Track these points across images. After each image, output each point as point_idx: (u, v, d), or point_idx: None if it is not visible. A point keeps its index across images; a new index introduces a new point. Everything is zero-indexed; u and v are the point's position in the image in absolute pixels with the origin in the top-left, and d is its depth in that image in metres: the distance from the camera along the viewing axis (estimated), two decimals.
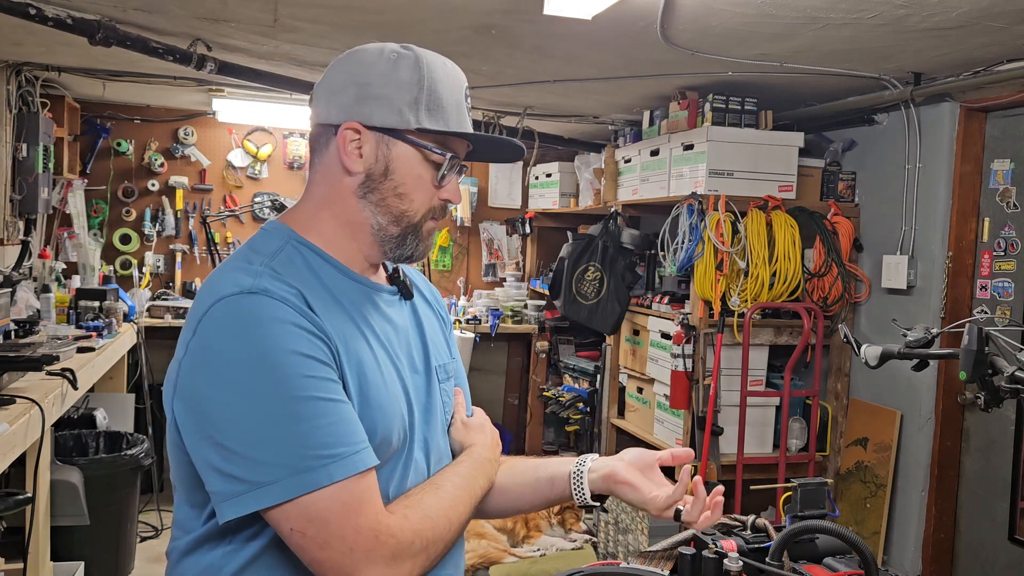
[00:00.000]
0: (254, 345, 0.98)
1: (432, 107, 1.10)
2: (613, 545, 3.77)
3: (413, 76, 1.10)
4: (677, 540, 1.44)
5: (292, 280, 1.05)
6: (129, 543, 3.71)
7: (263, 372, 0.97)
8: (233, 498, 0.97)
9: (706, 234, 3.35)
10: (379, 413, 1.07)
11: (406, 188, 1.12)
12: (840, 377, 3.70)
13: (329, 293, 1.09)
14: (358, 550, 0.98)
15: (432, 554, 1.06)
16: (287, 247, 1.11)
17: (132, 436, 3.91)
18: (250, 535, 1.05)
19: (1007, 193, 3.13)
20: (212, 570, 1.06)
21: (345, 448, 0.99)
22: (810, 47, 2.79)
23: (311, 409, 0.98)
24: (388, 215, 1.12)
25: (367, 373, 1.07)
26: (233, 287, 1.02)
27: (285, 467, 0.96)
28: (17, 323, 3.19)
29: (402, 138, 1.10)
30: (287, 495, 0.96)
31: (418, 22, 2.75)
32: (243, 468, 0.97)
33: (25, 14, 2.68)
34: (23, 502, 2.36)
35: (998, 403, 1.75)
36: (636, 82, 3.52)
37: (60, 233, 4.81)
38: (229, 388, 0.98)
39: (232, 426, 0.97)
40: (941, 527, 3.31)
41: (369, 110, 1.10)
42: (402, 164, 1.11)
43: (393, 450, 1.10)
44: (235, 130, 5.27)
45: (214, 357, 1.00)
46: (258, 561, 1.05)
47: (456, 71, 1.16)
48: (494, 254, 5.83)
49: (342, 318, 1.08)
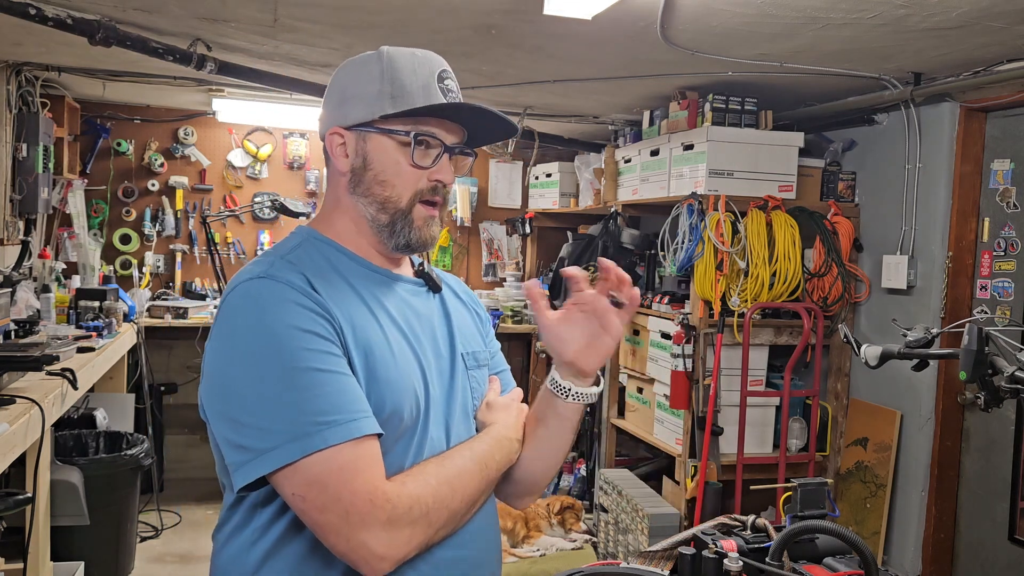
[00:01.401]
0: (258, 322, 1.06)
1: (396, 94, 1.16)
2: (613, 545, 3.77)
3: (376, 70, 1.18)
4: (677, 540, 1.44)
5: (303, 268, 1.13)
6: (129, 543, 3.71)
7: (266, 346, 1.05)
8: (243, 466, 1.04)
9: (706, 234, 3.35)
10: (387, 388, 1.12)
11: (386, 175, 1.18)
12: (840, 377, 3.70)
13: (342, 279, 1.16)
14: (354, 513, 1.01)
15: (435, 521, 1.08)
16: (305, 243, 1.20)
17: (132, 436, 3.92)
18: (271, 516, 1.11)
19: (1007, 193, 3.13)
20: (242, 552, 1.13)
21: (341, 415, 1.04)
22: (810, 47, 2.79)
23: (309, 379, 1.04)
24: (375, 204, 1.19)
25: (375, 350, 1.12)
26: (247, 275, 1.12)
27: (284, 433, 1.02)
28: (17, 323, 3.20)
29: (373, 129, 1.17)
30: (286, 459, 1.01)
31: (418, 22, 2.75)
32: (250, 437, 1.04)
33: (25, 14, 2.68)
34: (23, 502, 2.36)
35: (998, 403, 1.75)
36: (636, 82, 3.52)
37: (60, 233, 4.81)
38: (237, 362, 1.06)
39: (241, 398, 1.05)
40: (941, 527, 3.31)
41: (345, 111, 1.19)
42: (378, 154, 1.18)
43: (405, 425, 1.14)
44: (235, 130, 5.27)
45: (226, 336, 1.09)
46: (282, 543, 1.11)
47: (426, 58, 1.20)
48: (494, 254, 5.84)
49: (352, 300, 1.15)
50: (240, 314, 1.08)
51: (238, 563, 1.13)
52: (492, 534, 1.27)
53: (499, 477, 1.22)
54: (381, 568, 1.03)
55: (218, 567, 1.18)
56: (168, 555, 4.00)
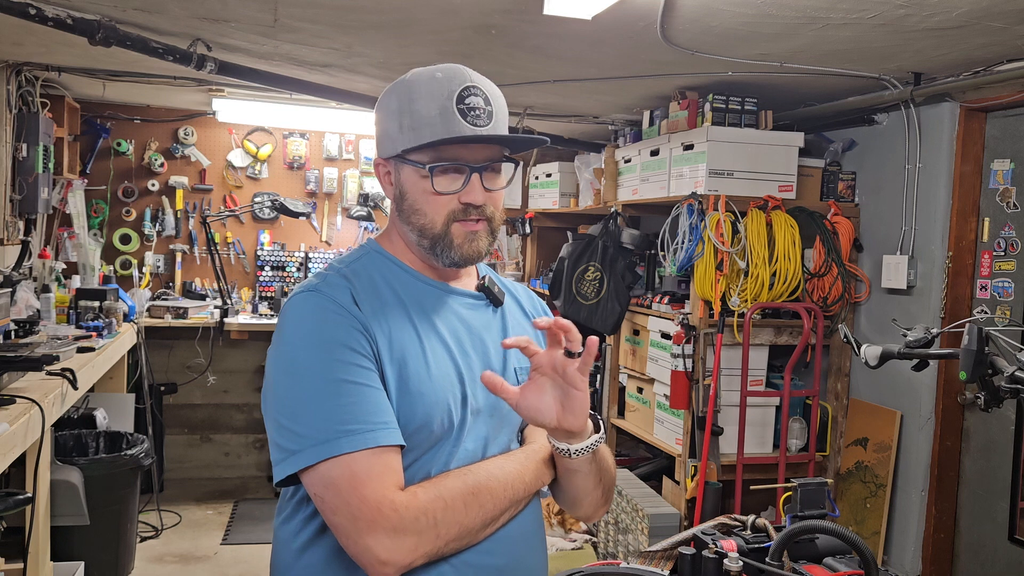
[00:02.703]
0: (301, 334, 1.16)
1: (415, 125, 1.21)
2: (613, 545, 3.77)
3: (395, 104, 1.24)
4: (677, 540, 1.44)
5: (355, 282, 1.22)
6: (129, 543, 3.71)
7: (305, 357, 1.14)
8: (278, 464, 1.13)
9: (706, 234, 3.35)
10: (419, 400, 1.17)
11: (419, 204, 1.24)
12: (840, 377, 3.70)
13: (393, 293, 1.24)
14: (361, 519, 1.07)
15: (444, 534, 1.11)
16: (366, 256, 1.30)
17: (132, 436, 3.92)
18: (313, 511, 1.19)
19: (1007, 193, 3.13)
20: (291, 535, 1.24)
21: (362, 425, 1.11)
22: (810, 47, 2.79)
23: (337, 389, 1.12)
24: (416, 230, 1.26)
25: (409, 363, 1.18)
26: (302, 287, 1.22)
27: (311, 438, 1.10)
28: (17, 323, 3.20)
29: (402, 162, 1.24)
30: (309, 461, 1.10)
31: (418, 22, 2.75)
32: (285, 438, 1.13)
33: (25, 14, 2.68)
34: (23, 502, 2.36)
35: (998, 403, 1.75)
36: (636, 82, 3.52)
37: (60, 233, 4.81)
38: (281, 369, 1.16)
39: (282, 402, 1.15)
40: (941, 527, 3.31)
41: (383, 145, 1.28)
42: (409, 185, 1.25)
43: (436, 437, 1.19)
44: (235, 130, 5.27)
45: (276, 344, 1.19)
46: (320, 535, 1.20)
47: (447, 79, 1.22)
48: (494, 254, 5.84)
49: (396, 314, 1.22)
50: (288, 324, 1.18)
51: (287, 548, 1.24)
52: (530, 543, 1.27)
53: (530, 495, 1.25)
54: (385, 572, 1.08)
55: (275, 549, 1.29)
56: (168, 555, 4.00)
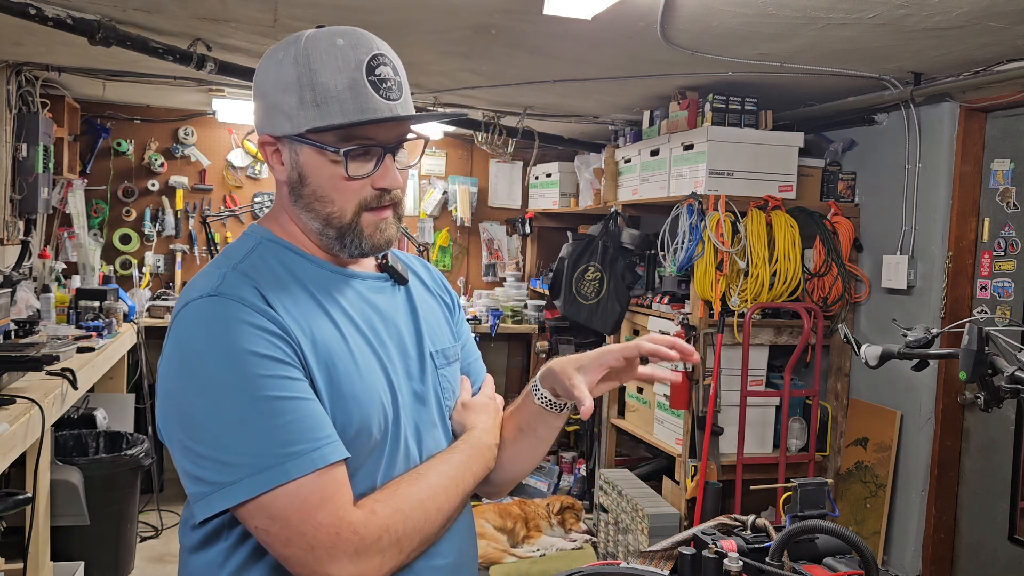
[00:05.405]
0: (212, 347, 1.00)
1: (319, 100, 1.05)
2: (613, 545, 3.76)
3: (294, 74, 1.06)
4: (677, 540, 1.44)
5: (257, 278, 1.06)
6: (129, 543, 3.71)
7: (221, 374, 0.99)
8: (203, 499, 1.00)
9: (706, 234, 3.35)
10: (353, 403, 1.07)
11: (325, 191, 1.09)
12: (840, 377, 3.70)
13: (299, 284, 1.10)
14: (319, 547, 0.98)
15: (406, 547, 1.04)
16: (259, 247, 1.13)
17: (132, 436, 3.92)
18: (244, 532, 1.05)
19: (1007, 193, 3.13)
20: (213, 566, 1.09)
21: (304, 445, 0.99)
22: (810, 47, 2.79)
23: (268, 408, 0.98)
24: (319, 219, 1.11)
25: (338, 364, 1.07)
26: (197, 291, 1.05)
27: (245, 467, 0.97)
28: (17, 323, 3.20)
29: (303, 141, 1.08)
30: (248, 494, 0.97)
31: (418, 22, 2.75)
32: (208, 470, 0.99)
33: (25, 14, 2.68)
34: (23, 502, 2.36)
35: (998, 403, 1.75)
36: (636, 82, 3.52)
37: (60, 233, 4.81)
38: (191, 390, 1.00)
39: (197, 429, 0.99)
40: (941, 527, 3.31)
41: (272, 121, 1.09)
42: (311, 168, 1.09)
43: (375, 440, 1.09)
44: (235, 130, 5.27)
45: (180, 360, 1.02)
46: (255, 557, 1.07)
47: (351, 46, 1.06)
48: (494, 254, 5.83)
49: (310, 308, 1.08)
50: (193, 337, 1.01)
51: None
52: (469, 537, 1.24)
53: (478, 483, 1.19)
54: None
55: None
56: (168, 555, 4.00)
